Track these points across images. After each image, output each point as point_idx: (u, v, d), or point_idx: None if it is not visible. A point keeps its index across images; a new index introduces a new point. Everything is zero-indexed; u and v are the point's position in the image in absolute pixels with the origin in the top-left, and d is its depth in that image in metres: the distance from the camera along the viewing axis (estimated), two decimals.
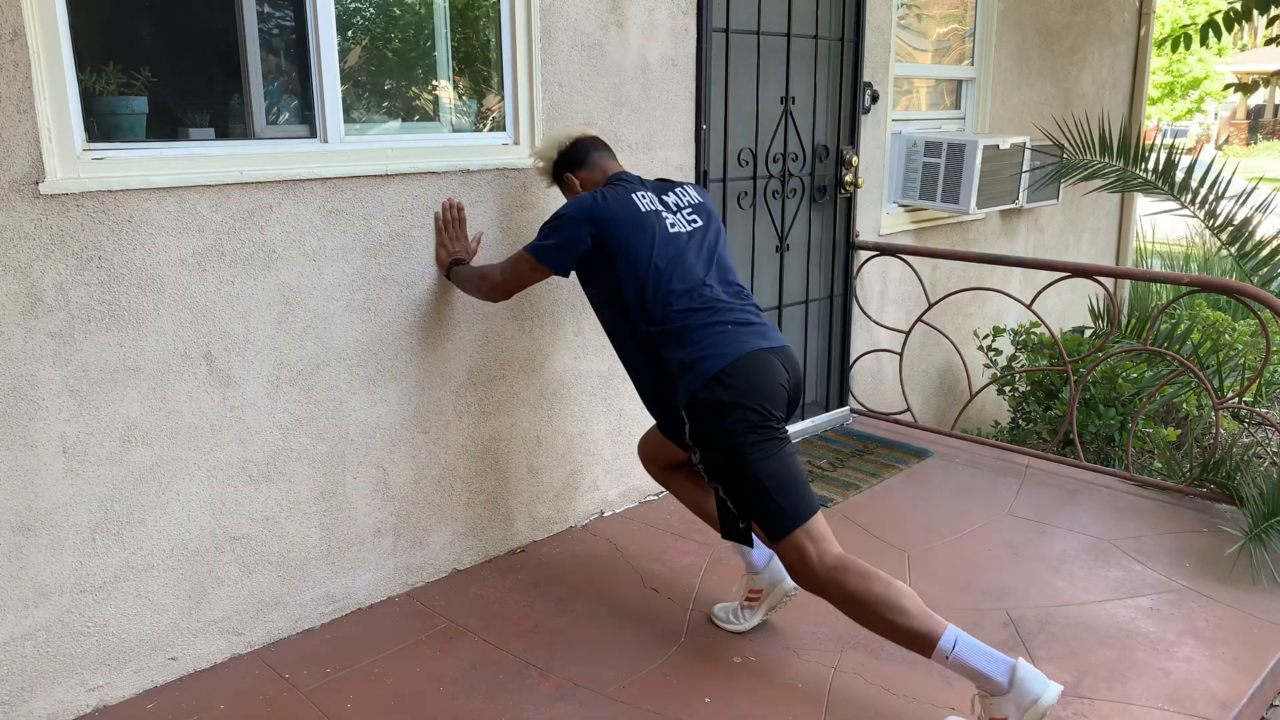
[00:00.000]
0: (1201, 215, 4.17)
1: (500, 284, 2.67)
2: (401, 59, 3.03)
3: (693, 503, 2.76)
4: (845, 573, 2.24)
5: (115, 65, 2.44)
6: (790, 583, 2.65)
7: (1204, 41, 5.28)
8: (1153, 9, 6.41)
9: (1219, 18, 5.19)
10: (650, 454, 2.80)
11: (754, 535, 2.49)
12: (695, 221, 2.58)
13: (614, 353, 3.40)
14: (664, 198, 2.59)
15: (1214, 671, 2.53)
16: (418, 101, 3.11)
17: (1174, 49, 5.52)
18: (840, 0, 4.03)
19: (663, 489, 3.66)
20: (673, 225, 2.53)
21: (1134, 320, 4.77)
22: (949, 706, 2.37)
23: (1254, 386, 4.47)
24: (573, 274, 2.59)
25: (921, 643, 2.16)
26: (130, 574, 2.40)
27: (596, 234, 2.48)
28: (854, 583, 2.22)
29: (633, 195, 2.54)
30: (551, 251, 2.53)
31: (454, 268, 2.83)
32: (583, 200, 2.53)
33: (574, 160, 2.76)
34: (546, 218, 2.59)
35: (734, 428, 2.29)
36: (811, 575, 2.28)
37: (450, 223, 2.86)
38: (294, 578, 2.71)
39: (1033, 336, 4.78)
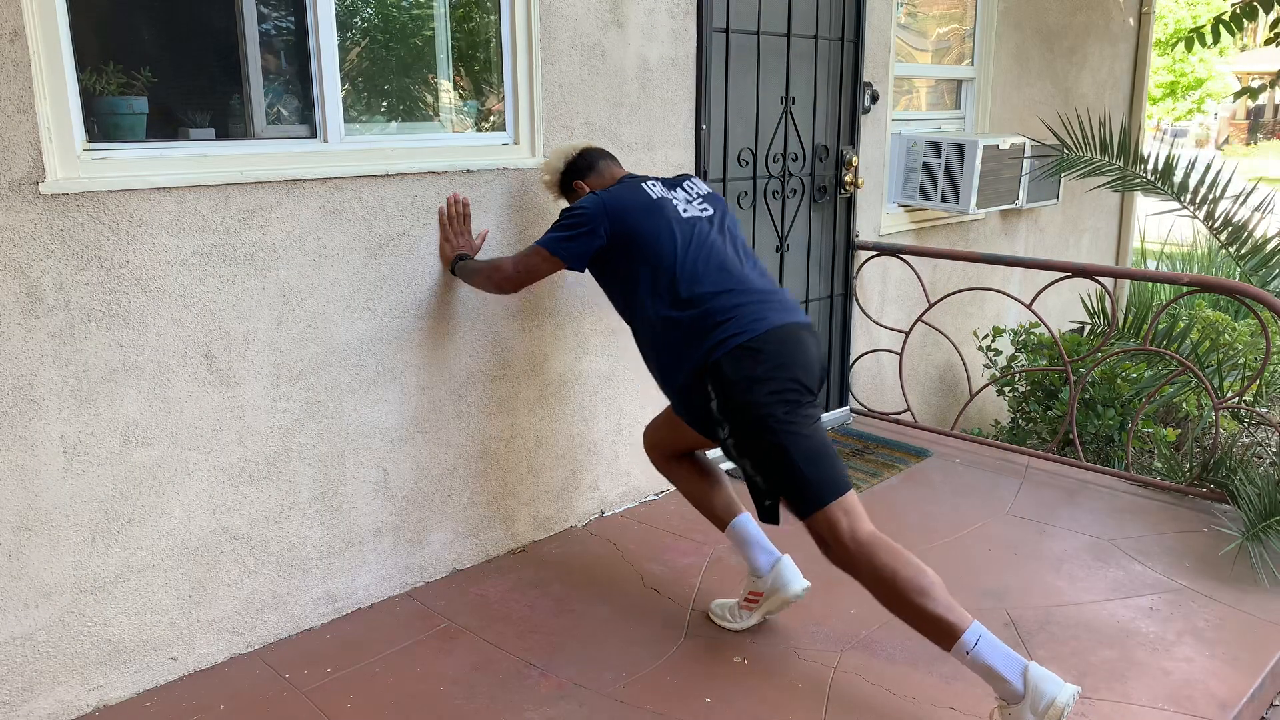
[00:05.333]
0: (1201, 215, 4.17)
1: (512, 275, 2.65)
2: (401, 59, 3.03)
3: (696, 496, 2.74)
4: (877, 550, 2.21)
5: (115, 65, 2.44)
6: (796, 588, 2.63)
7: (1215, 39, 5.27)
8: (1153, 9, 6.41)
9: (1227, 16, 5.19)
10: (656, 441, 2.78)
11: (763, 529, 2.49)
12: (706, 209, 2.59)
13: (614, 352, 3.41)
14: (673, 190, 2.62)
15: (1214, 671, 2.53)
16: (418, 101, 3.11)
17: (1189, 48, 5.51)
18: (840, 0, 4.03)
19: (660, 490, 3.66)
20: (685, 210, 2.55)
21: (1130, 318, 4.77)
22: (949, 707, 2.38)
23: (1254, 386, 4.47)
24: (587, 272, 2.60)
25: (945, 633, 2.14)
26: (130, 574, 2.40)
27: (611, 226, 2.49)
28: (885, 561, 2.20)
29: (643, 185, 2.58)
30: (565, 245, 2.54)
31: (459, 263, 2.82)
32: (595, 195, 2.56)
33: (582, 168, 2.78)
34: (551, 217, 2.60)
35: (766, 400, 2.27)
36: (843, 551, 2.25)
37: (455, 218, 2.86)
38: (294, 578, 2.71)
39: (1032, 336, 4.78)
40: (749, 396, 2.28)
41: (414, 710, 2.38)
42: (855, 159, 4.17)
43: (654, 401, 3.57)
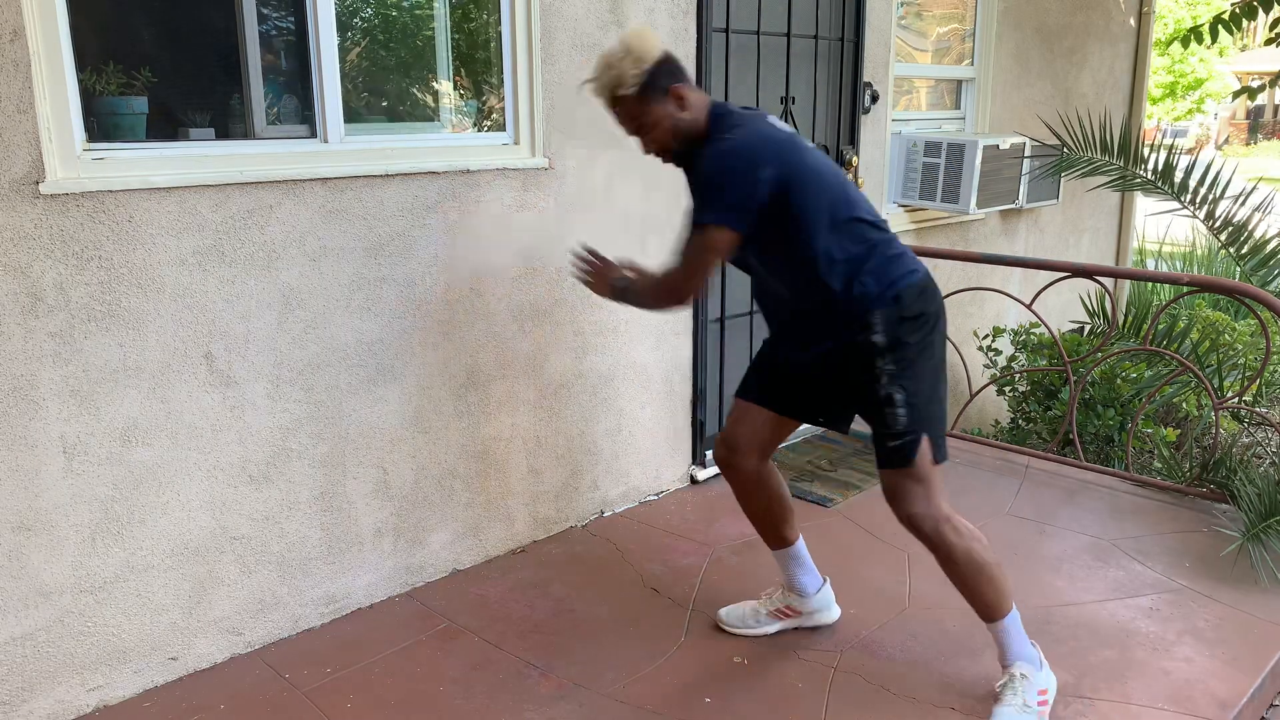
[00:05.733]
0: (1201, 215, 4.17)
1: (693, 277, 2.22)
2: (401, 59, 3.03)
3: (770, 511, 2.58)
4: (957, 521, 2.31)
5: (115, 65, 2.44)
6: (834, 616, 2.74)
7: (1214, 38, 5.27)
8: (1153, 9, 6.41)
9: (1226, 16, 5.19)
10: (739, 443, 2.51)
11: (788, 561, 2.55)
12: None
13: (614, 352, 3.40)
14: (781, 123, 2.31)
15: (1214, 671, 2.53)
16: (418, 101, 3.11)
17: (1185, 45, 5.51)
18: (840, 0, 4.03)
19: (660, 490, 3.66)
20: (814, 151, 2.26)
21: (1130, 318, 4.77)
22: (949, 707, 2.38)
23: (1254, 386, 4.47)
24: None
25: (994, 609, 2.34)
26: (130, 574, 2.40)
27: (777, 175, 2.13)
28: (966, 530, 2.31)
29: (767, 119, 2.24)
30: (739, 216, 2.14)
31: (620, 290, 2.38)
32: (741, 146, 2.15)
33: (678, 72, 2.25)
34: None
35: (935, 338, 2.29)
36: (926, 511, 2.30)
37: (596, 264, 2.43)
38: (294, 578, 2.71)
39: (1032, 336, 4.78)
40: (923, 333, 2.26)
41: (414, 710, 2.38)
42: (855, 159, 4.17)
43: (654, 401, 3.58)
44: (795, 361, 2.44)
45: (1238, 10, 5.17)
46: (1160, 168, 4.16)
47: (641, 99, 2.23)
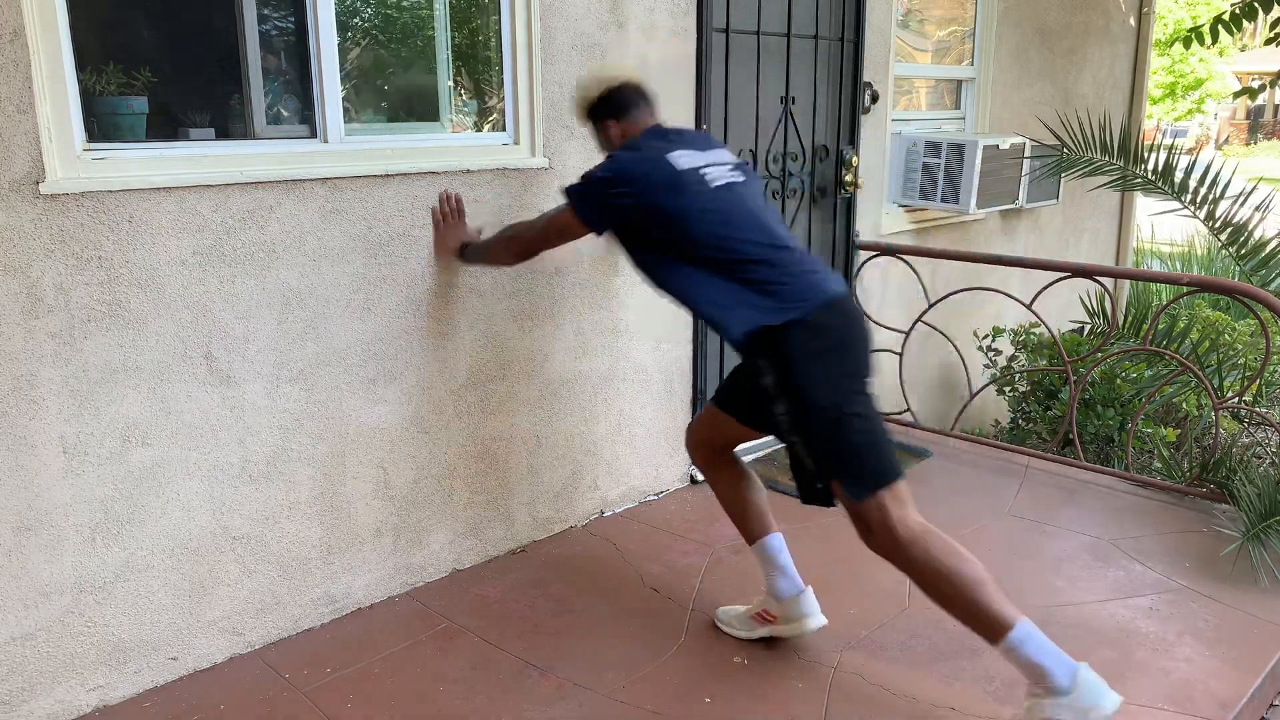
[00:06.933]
0: (1201, 215, 4.17)
1: (531, 240, 2.58)
2: (402, 59, 3.03)
3: (733, 502, 2.65)
4: (931, 538, 2.17)
5: (115, 65, 2.44)
6: (815, 624, 2.60)
7: (1214, 39, 5.27)
8: (1153, 9, 6.41)
9: (1226, 16, 5.19)
10: (702, 439, 2.66)
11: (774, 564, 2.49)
12: (740, 176, 2.44)
13: (614, 353, 3.41)
14: (705, 152, 2.45)
15: (1214, 671, 2.53)
16: (418, 101, 3.12)
17: (1186, 46, 5.51)
18: (840, 0, 4.03)
19: (660, 490, 3.66)
20: (719, 179, 2.38)
21: (1130, 318, 4.77)
22: (949, 707, 2.38)
23: (1254, 386, 4.47)
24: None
25: (993, 627, 2.10)
26: (130, 574, 2.40)
27: (634, 204, 2.34)
28: (940, 549, 2.15)
29: (666, 157, 2.38)
30: (590, 208, 2.41)
31: (466, 249, 2.79)
32: (617, 163, 2.40)
33: (617, 107, 2.59)
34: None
35: (827, 374, 2.20)
36: (890, 538, 2.18)
37: (449, 214, 2.84)
38: (294, 578, 2.71)
39: (1032, 336, 4.78)
40: (810, 374, 2.20)
41: (414, 710, 2.38)
42: (855, 159, 4.17)
43: (654, 401, 3.58)
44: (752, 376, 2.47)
45: (1237, 11, 5.18)
46: (1160, 168, 4.16)
47: (592, 126, 2.68)
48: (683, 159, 2.38)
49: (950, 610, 2.17)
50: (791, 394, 2.23)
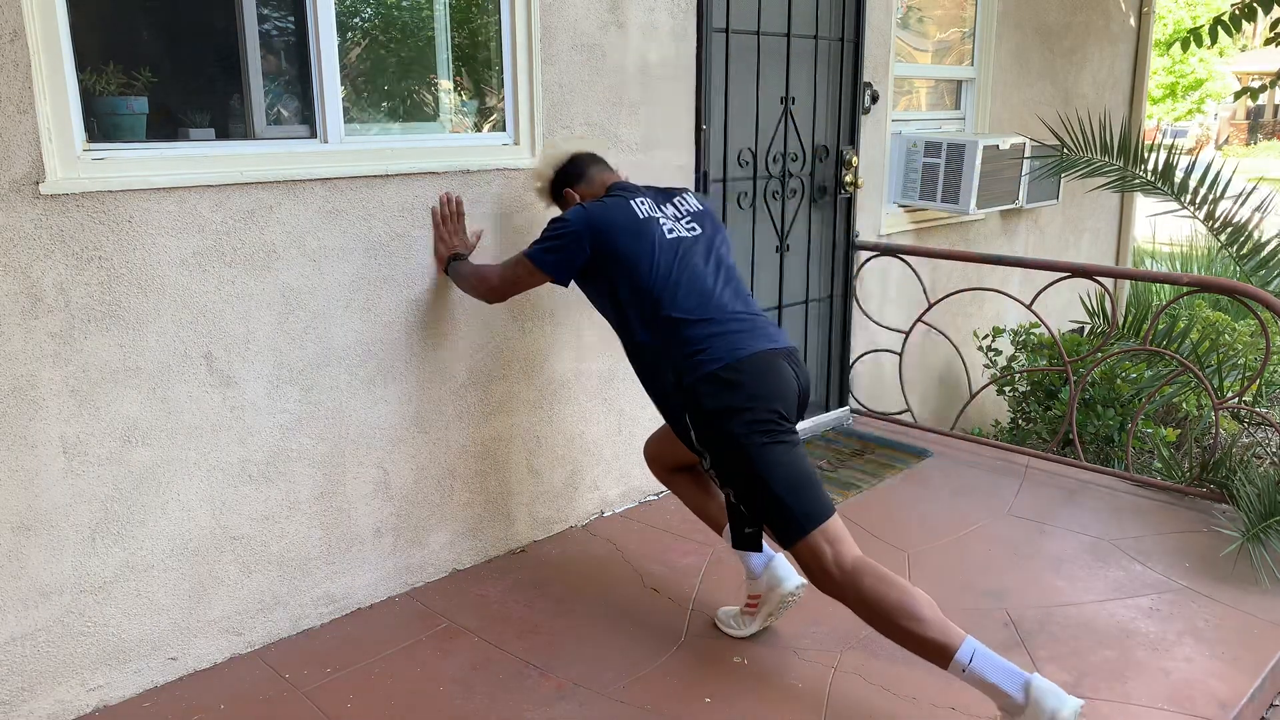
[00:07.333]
0: (1201, 216, 4.17)
1: (497, 287, 2.67)
2: (401, 59, 3.03)
3: (695, 504, 2.77)
4: (862, 576, 2.20)
5: (115, 65, 2.44)
6: (790, 585, 2.62)
7: (1214, 40, 5.27)
8: (1153, 9, 6.41)
9: (1226, 17, 5.19)
10: (656, 454, 2.80)
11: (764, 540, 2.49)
12: (695, 229, 2.55)
13: (614, 353, 3.41)
14: (663, 206, 2.58)
15: (1214, 671, 2.53)
16: (418, 102, 3.11)
17: (1185, 48, 5.51)
18: (840, 0, 4.03)
19: (660, 490, 3.66)
20: (671, 231, 2.51)
21: (1130, 318, 4.77)
22: (949, 707, 2.38)
23: (1254, 386, 4.47)
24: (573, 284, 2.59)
25: (938, 653, 2.13)
26: (130, 574, 2.40)
27: (595, 243, 2.46)
28: (871, 587, 2.19)
29: (631, 202, 2.53)
30: (550, 258, 2.52)
31: (452, 263, 2.81)
32: (582, 209, 2.52)
33: (572, 176, 2.75)
34: (545, 222, 2.58)
35: (743, 430, 2.27)
36: (828, 579, 2.24)
37: (449, 216, 2.85)
38: (294, 578, 2.71)
39: (1032, 336, 4.78)
40: (726, 428, 2.28)
41: (414, 710, 2.38)
42: (855, 159, 4.17)
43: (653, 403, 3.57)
44: None
45: (1237, 11, 5.18)
46: (1160, 168, 4.16)
47: (556, 203, 2.84)
48: (644, 206, 2.53)
49: (894, 640, 2.21)
50: (712, 449, 2.33)
